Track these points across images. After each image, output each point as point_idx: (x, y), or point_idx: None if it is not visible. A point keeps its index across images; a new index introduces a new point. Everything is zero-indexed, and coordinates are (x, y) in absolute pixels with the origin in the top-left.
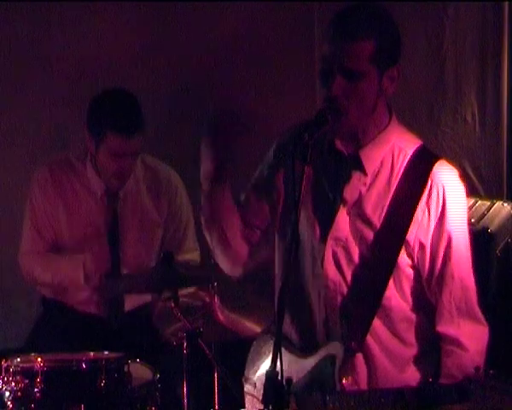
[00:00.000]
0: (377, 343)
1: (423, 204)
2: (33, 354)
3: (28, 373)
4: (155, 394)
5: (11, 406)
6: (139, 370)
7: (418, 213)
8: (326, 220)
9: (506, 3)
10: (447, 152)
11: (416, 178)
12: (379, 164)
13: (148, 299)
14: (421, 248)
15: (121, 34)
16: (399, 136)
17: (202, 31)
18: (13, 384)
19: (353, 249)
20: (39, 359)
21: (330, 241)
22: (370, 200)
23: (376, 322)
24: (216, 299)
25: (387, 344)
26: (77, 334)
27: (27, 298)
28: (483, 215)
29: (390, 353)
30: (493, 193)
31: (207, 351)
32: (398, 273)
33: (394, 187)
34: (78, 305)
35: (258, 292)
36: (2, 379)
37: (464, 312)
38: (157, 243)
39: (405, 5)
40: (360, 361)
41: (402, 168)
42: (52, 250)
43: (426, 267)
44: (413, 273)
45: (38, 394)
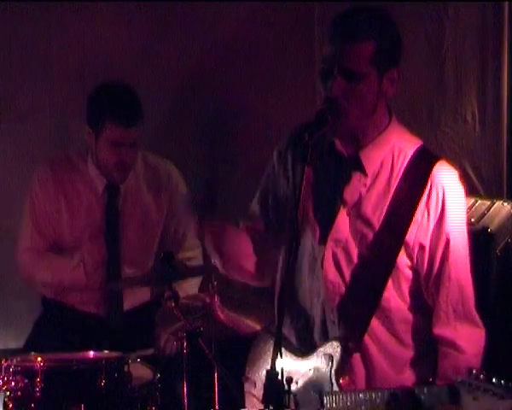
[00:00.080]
0: (375, 344)
1: (423, 205)
2: (33, 354)
3: (28, 373)
4: (155, 394)
5: (11, 405)
6: (139, 370)
7: (418, 214)
8: (326, 222)
9: (506, 3)
10: (447, 152)
11: (416, 178)
12: (379, 165)
13: (147, 298)
14: (420, 249)
15: (121, 34)
16: (399, 136)
17: (202, 31)
18: (13, 384)
19: (353, 251)
20: (39, 358)
21: (330, 242)
22: (370, 201)
23: (375, 323)
24: (216, 298)
25: (386, 345)
26: (77, 334)
27: (27, 298)
28: (483, 215)
29: (388, 353)
30: (493, 193)
31: (207, 351)
32: (397, 274)
33: (394, 188)
34: (78, 305)
35: (258, 292)
36: (2, 379)
37: (461, 314)
38: (157, 240)
39: (405, 5)
40: (358, 361)
41: (402, 169)
42: (52, 248)
43: (424, 268)
44: (412, 274)
45: (38, 393)
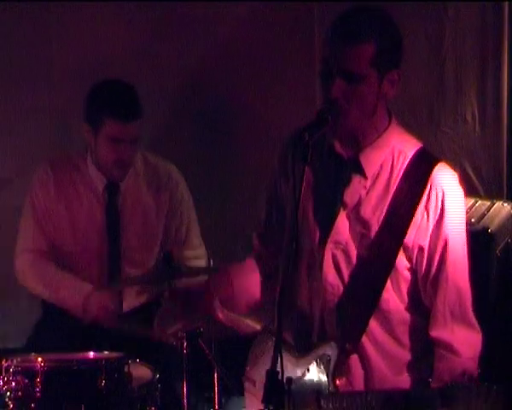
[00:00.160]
0: (373, 345)
1: (422, 207)
2: (33, 354)
3: (28, 373)
4: (155, 394)
5: (11, 405)
6: (139, 370)
7: (417, 216)
8: (326, 224)
9: (506, 4)
10: (447, 152)
11: (416, 180)
12: (379, 167)
13: (148, 299)
14: (419, 250)
15: (121, 34)
16: (399, 138)
17: (202, 31)
18: (13, 384)
19: (352, 252)
20: (39, 359)
21: (330, 244)
22: (370, 203)
23: (373, 324)
24: (216, 299)
25: (384, 346)
26: (77, 334)
27: (27, 298)
28: (483, 215)
29: (386, 354)
30: (493, 193)
31: (207, 351)
32: (396, 276)
33: (394, 189)
34: None
35: None
36: (2, 379)
37: (458, 317)
38: (158, 239)
39: (405, 5)
40: (355, 363)
41: (401, 171)
42: (52, 249)
43: (422, 270)
44: (411, 276)
45: (39, 393)
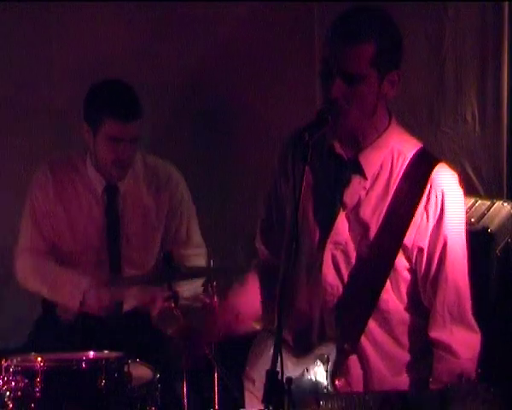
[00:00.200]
0: (372, 345)
1: (422, 208)
2: (33, 354)
3: (28, 373)
4: (155, 394)
5: (11, 405)
6: (139, 370)
7: (417, 217)
8: (326, 224)
9: (506, 4)
10: (447, 152)
11: (416, 181)
12: (378, 167)
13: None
14: (419, 251)
15: (121, 34)
16: (399, 139)
17: (202, 31)
18: (13, 384)
19: (352, 253)
20: (39, 358)
21: (330, 245)
22: (370, 203)
23: (372, 324)
24: (215, 299)
25: (383, 346)
26: (77, 334)
27: (27, 298)
28: (483, 215)
29: (385, 355)
30: (493, 193)
31: (207, 351)
32: (395, 276)
33: (393, 190)
34: None
35: None
36: (2, 379)
37: (457, 318)
38: (158, 240)
39: (405, 5)
40: (354, 363)
41: (401, 171)
42: (52, 250)
43: (422, 271)
44: (410, 276)
45: (38, 393)
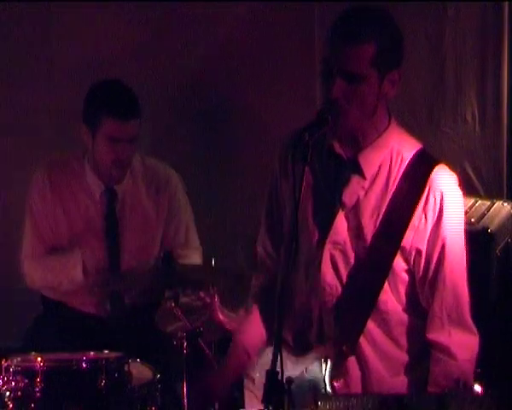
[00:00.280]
0: (371, 346)
1: (420, 210)
2: (33, 354)
3: (28, 373)
4: (155, 394)
5: (11, 405)
6: (139, 370)
7: (415, 218)
8: (324, 224)
9: (506, 4)
10: (447, 152)
11: (415, 182)
12: (377, 168)
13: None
14: (417, 253)
15: (121, 34)
16: (398, 139)
17: (202, 31)
18: (13, 384)
19: (351, 253)
20: (39, 358)
21: (328, 244)
22: (369, 204)
23: (371, 325)
24: (216, 299)
25: (382, 348)
26: (77, 334)
27: (27, 297)
28: (483, 215)
29: (384, 356)
30: (493, 193)
31: (207, 351)
32: (393, 277)
33: (392, 191)
34: (78, 305)
35: None
36: (2, 379)
37: (455, 320)
38: (157, 243)
39: (405, 5)
40: (353, 364)
41: (400, 172)
42: (51, 253)
43: (420, 272)
44: (409, 277)
45: (38, 393)
